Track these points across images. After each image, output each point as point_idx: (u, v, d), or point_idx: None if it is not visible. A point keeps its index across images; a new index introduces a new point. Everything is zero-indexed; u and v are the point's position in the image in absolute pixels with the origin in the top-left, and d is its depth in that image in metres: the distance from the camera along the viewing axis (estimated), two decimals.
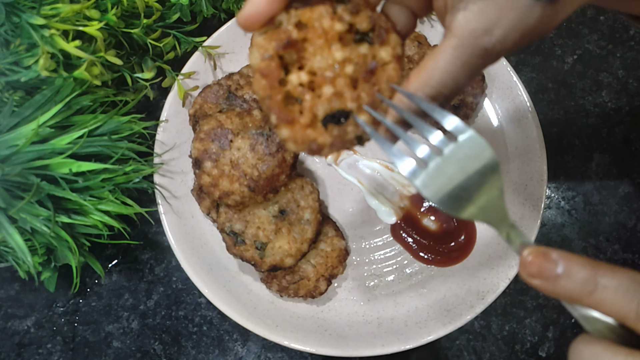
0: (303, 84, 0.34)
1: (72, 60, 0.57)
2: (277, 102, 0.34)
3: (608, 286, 0.28)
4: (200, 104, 0.65)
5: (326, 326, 0.66)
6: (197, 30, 0.67)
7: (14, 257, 0.59)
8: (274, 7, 0.32)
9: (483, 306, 0.64)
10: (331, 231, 0.67)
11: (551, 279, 0.30)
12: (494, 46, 0.31)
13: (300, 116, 0.34)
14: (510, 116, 0.69)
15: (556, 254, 0.30)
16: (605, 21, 0.79)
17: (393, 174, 0.71)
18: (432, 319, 0.65)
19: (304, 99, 0.34)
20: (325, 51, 0.34)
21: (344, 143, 0.36)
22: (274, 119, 0.34)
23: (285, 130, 0.34)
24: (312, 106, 0.34)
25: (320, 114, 0.35)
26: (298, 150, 0.35)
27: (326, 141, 0.35)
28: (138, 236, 0.72)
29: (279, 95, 0.34)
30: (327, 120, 0.35)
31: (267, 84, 0.33)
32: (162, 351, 0.70)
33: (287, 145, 0.35)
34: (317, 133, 0.35)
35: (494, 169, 0.33)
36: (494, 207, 0.34)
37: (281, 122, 0.34)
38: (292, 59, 0.34)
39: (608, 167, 0.76)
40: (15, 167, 0.54)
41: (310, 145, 0.35)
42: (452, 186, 0.33)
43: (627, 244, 0.74)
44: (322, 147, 0.35)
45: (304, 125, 0.34)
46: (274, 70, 0.33)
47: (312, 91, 0.35)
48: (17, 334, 0.70)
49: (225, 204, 0.61)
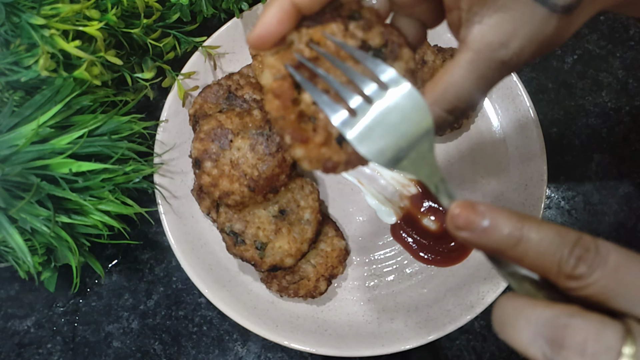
0: None
1: (72, 60, 0.57)
2: (291, 122, 0.33)
3: (532, 239, 0.28)
4: (200, 104, 0.65)
5: (326, 326, 0.66)
6: (197, 30, 0.67)
7: (14, 257, 0.59)
8: (285, 26, 0.32)
9: (483, 306, 0.64)
10: (331, 231, 0.67)
11: (478, 231, 0.29)
12: (511, 59, 0.31)
13: (315, 135, 0.33)
14: (510, 116, 0.70)
15: (483, 207, 0.30)
16: (605, 21, 0.79)
17: (393, 174, 0.71)
18: (432, 319, 0.65)
19: (318, 118, 0.34)
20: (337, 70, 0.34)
21: (359, 160, 0.34)
22: (287, 139, 0.33)
23: (300, 150, 0.33)
24: (327, 124, 0.34)
25: (334, 132, 0.34)
26: (312, 169, 0.34)
27: (341, 159, 0.34)
28: (138, 236, 0.72)
29: (292, 115, 0.33)
30: (342, 138, 0.34)
31: (280, 104, 0.33)
32: (162, 351, 0.70)
33: (301, 164, 0.34)
34: (332, 151, 0.34)
35: (426, 122, 0.32)
36: (425, 160, 0.33)
37: (295, 142, 0.33)
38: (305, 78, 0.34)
39: (608, 167, 0.76)
40: (15, 167, 0.54)
41: (325, 164, 0.34)
42: (385, 140, 0.32)
43: (627, 244, 0.74)
44: (337, 165, 0.34)
45: (319, 144, 0.33)
46: (286, 90, 0.33)
47: None
48: (17, 334, 0.70)
49: (225, 204, 0.61)
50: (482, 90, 0.33)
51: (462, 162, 0.72)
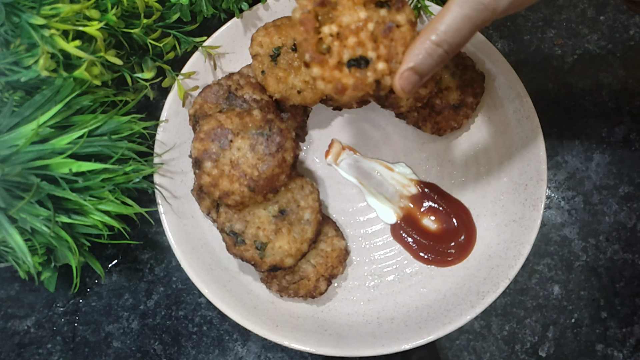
0: (333, 34, 0.43)
1: (72, 60, 0.57)
2: (311, 44, 0.42)
3: None
4: (200, 104, 0.65)
5: (326, 326, 0.66)
6: (197, 30, 0.67)
7: (14, 257, 0.59)
8: None
9: (483, 306, 0.64)
10: (331, 231, 0.67)
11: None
12: (490, 3, 0.40)
13: (329, 58, 0.43)
14: (510, 116, 0.70)
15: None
16: (605, 21, 0.79)
17: (393, 174, 0.71)
18: (432, 319, 0.65)
19: (333, 46, 0.43)
20: (352, 11, 0.44)
21: (364, 86, 0.44)
22: (307, 57, 0.43)
23: (316, 69, 0.43)
24: (339, 52, 0.43)
25: (345, 58, 0.43)
26: (326, 89, 0.43)
27: (349, 82, 0.43)
28: (138, 236, 0.72)
29: (313, 39, 0.42)
30: (351, 64, 0.43)
31: (304, 29, 0.42)
32: (162, 351, 0.70)
33: (317, 84, 0.43)
34: (342, 74, 0.43)
35: None
36: None
37: (313, 61, 0.42)
38: (325, 18, 0.43)
39: (608, 167, 0.76)
40: (15, 167, 0.54)
41: (336, 85, 0.43)
42: None
43: (627, 244, 0.74)
44: (345, 87, 0.43)
45: (332, 66, 0.43)
46: (311, 20, 0.42)
47: (340, 41, 0.43)
48: (17, 334, 0.70)
49: (225, 204, 0.61)
50: (467, 30, 0.41)
51: (462, 161, 0.72)
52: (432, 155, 0.72)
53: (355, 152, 0.72)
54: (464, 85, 0.68)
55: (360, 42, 0.44)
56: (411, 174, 0.71)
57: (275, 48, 0.63)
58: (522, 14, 0.79)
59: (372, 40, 0.44)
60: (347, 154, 0.72)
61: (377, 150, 0.72)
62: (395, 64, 0.45)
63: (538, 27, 0.79)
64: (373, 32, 0.44)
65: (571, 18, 0.79)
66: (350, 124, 0.73)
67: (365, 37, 0.44)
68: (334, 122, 0.73)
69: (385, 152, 0.72)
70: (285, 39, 0.64)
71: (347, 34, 0.43)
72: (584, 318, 0.73)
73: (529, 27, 0.79)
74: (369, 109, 0.72)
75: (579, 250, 0.74)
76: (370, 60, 0.44)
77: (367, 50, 0.44)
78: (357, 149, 0.72)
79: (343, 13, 0.44)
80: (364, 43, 0.44)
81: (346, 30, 0.43)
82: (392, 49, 0.45)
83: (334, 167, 0.72)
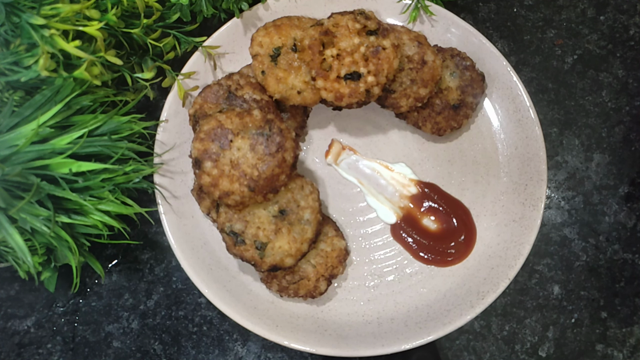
0: (333, 55, 0.61)
1: (72, 60, 0.57)
2: (317, 63, 0.61)
3: None
4: (200, 104, 0.65)
5: (326, 326, 0.66)
6: (197, 30, 0.67)
7: (14, 257, 0.59)
8: None
9: (483, 306, 0.64)
10: (331, 231, 0.67)
11: None
12: None
13: (330, 73, 0.61)
14: (510, 116, 0.70)
15: None
16: (605, 21, 0.79)
17: (393, 174, 0.71)
18: (432, 319, 0.65)
19: (333, 64, 0.61)
20: (348, 38, 0.61)
21: (357, 94, 0.61)
22: (314, 72, 0.61)
23: (320, 81, 0.61)
24: (338, 68, 0.61)
25: (342, 73, 0.61)
26: (328, 97, 0.61)
27: (346, 91, 0.61)
28: (138, 236, 0.72)
29: (319, 59, 0.61)
30: (347, 78, 0.61)
31: (312, 52, 0.61)
32: (162, 351, 0.70)
33: (321, 94, 0.61)
34: (340, 85, 0.61)
35: None
36: None
37: (318, 76, 0.61)
38: (328, 44, 0.61)
39: (608, 167, 0.76)
40: (15, 167, 0.54)
41: (335, 93, 0.61)
42: None
43: (627, 244, 0.74)
44: (343, 95, 0.61)
45: (332, 79, 0.61)
46: (317, 45, 0.61)
47: (339, 60, 0.61)
48: (17, 334, 0.70)
49: (225, 204, 0.61)
50: None
51: (462, 161, 0.72)
52: (432, 155, 0.72)
53: (355, 152, 0.72)
54: (464, 85, 0.68)
55: (354, 61, 0.60)
56: (411, 174, 0.71)
57: (275, 48, 0.63)
58: (522, 14, 0.79)
59: (364, 59, 0.60)
60: (347, 154, 0.72)
61: (377, 150, 0.72)
62: (382, 77, 0.61)
63: (538, 27, 0.79)
64: (364, 54, 0.60)
65: (571, 18, 0.79)
66: (350, 124, 0.73)
67: (358, 57, 0.60)
68: (334, 122, 0.73)
69: (385, 152, 0.72)
70: (285, 39, 0.64)
71: (345, 55, 0.60)
72: (584, 318, 0.73)
73: (529, 27, 0.79)
74: (369, 109, 0.72)
75: (579, 250, 0.74)
76: (362, 75, 0.60)
77: (359, 67, 0.60)
78: (357, 149, 0.72)
79: (341, 40, 0.61)
80: (357, 62, 0.60)
81: (344, 52, 0.60)
82: (379, 66, 0.60)
83: (334, 167, 0.72)
